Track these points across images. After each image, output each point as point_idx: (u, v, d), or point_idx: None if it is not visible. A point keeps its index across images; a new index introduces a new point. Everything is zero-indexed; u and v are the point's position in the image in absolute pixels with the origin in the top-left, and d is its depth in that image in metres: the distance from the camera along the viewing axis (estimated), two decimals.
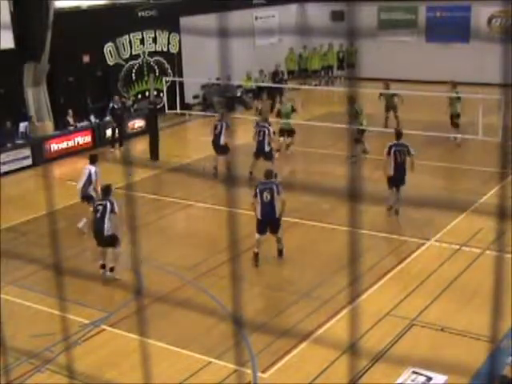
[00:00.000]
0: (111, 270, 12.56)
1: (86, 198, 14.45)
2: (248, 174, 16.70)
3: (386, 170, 14.94)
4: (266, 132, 17.46)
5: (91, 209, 13.27)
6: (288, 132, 20.18)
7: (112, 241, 12.45)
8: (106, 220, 12.35)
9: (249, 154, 17.36)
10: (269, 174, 13.19)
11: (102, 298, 12.13)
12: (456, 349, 10.11)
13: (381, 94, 22.23)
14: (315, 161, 19.79)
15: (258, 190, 12.78)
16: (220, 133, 17.86)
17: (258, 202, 12.80)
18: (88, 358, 10.13)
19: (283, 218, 13.16)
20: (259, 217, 12.86)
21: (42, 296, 11.93)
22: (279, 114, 20.54)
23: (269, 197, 12.74)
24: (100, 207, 12.48)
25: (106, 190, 12.75)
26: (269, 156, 17.40)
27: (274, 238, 13.19)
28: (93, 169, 14.53)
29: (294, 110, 20.56)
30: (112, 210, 12.33)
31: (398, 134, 15.46)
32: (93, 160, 14.70)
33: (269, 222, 12.92)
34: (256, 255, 12.99)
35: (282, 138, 20.01)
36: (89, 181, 14.46)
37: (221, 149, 17.83)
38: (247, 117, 23.13)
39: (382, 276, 12.59)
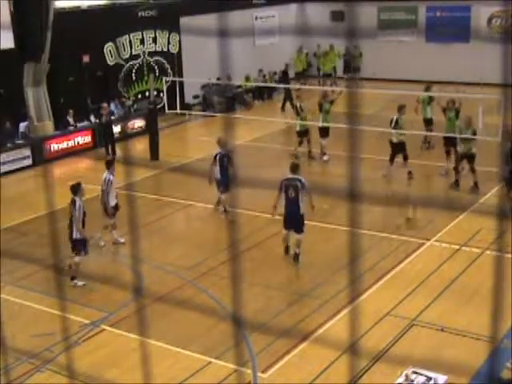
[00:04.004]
0: (72, 278, 12.25)
1: None
2: None
3: None
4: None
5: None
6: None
7: (75, 246, 12.30)
8: (74, 225, 12.24)
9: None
10: (295, 168, 12.79)
11: (101, 298, 12.12)
12: (456, 349, 10.11)
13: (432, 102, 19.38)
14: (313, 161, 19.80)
15: (283, 185, 12.62)
16: None
17: (282, 198, 12.72)
18: (88, 357, 10.13)
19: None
20: (285, 213, 12.85)
21: (41, 296, 11.93)
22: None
23: (293, 194, 12.55)
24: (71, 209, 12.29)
25: (74, 189, 12.43)
26: None
27: (293, 239, 13.14)
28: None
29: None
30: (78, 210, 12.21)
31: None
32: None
33: (293, 219, 12.81)
34: (286, 248, 13.24)
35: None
36: None
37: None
38: (247, 117, 23.13)
39: (382, 276, 12.58)
